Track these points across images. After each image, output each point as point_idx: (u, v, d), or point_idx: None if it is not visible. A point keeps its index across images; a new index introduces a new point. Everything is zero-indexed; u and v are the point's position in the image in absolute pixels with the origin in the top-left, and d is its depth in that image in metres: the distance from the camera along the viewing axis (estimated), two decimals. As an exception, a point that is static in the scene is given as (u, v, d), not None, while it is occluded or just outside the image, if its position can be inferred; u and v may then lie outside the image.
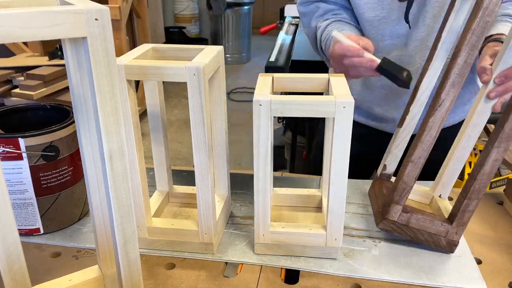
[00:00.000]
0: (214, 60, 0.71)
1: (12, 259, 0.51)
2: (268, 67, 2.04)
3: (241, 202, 0.93)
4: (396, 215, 0.77)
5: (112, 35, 0.46)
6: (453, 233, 0.76)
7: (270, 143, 0.69)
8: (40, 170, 0.77)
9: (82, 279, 0.63)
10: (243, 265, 0.75)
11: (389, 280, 0.72)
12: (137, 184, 0.73)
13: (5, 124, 0.84)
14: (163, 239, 0.78)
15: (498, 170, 2.79)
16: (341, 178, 0.70)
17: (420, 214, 0.77)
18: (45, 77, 1.82)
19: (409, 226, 0.77)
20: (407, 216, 0.77)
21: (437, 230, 0.76)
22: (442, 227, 0.76)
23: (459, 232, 0.76)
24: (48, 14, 0.42)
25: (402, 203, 0.77)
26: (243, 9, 5.26)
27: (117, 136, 0.50)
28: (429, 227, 0.77)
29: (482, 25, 0.67)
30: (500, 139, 0.69)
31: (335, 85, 0.72)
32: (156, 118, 0.81)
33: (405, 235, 0.78)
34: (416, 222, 0.77)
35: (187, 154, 3.12)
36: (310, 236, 0.75)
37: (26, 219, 0.79)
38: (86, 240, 0.81)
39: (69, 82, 0.54)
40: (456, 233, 0.76)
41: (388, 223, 0.78)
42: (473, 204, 0.74)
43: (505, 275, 0.73)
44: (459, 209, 0.75)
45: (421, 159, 0.74)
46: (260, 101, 0.66)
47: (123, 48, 3.00)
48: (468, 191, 0.73)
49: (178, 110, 3.90)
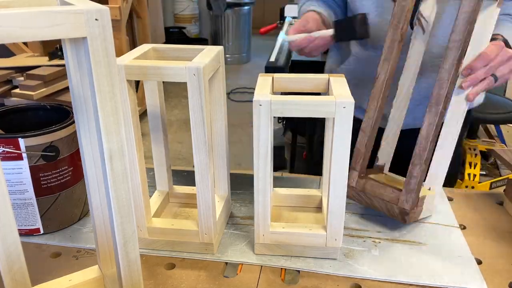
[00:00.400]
0: (214, 60, 0.71)
1: (12, 259, 0.51)
2: (268, 67, 2.04)
3: (241, 202, 0.93)
4: (354, 181, 0.86)
5: (112, 35, 0.46)
6: (403, 201, 0.80)
7: (270, 143, 0.70)
8: (40, 170, 0.77)
9: (82, 279, 0.63)
10: (243, 265, 0.75)
11: (389, 280, 0.72)
12: (137, 184, 0.73)
13: (5, 124, 0.84)
14: (163, 239, 0.78)
15: (498, 170, 2.79)
16: (341, 178, 0.70)
17: (374, 180, 0.85)
18: (45, 77, 1.83)
19: (366, 193, 0.85)
20: (363, 182, 0.86)
21: (389, 197, 0.82)
22: (393, 193, 0.82)
23: (408, 199, 0.80)
24: (48, 14, 0.42)
25: (358, 169, 0.86)
26: (243, 9, 5.26)
27: (117, 136, 0.50)
28: (382, 193, 0.83)
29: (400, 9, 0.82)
30: (431, 103, 0.78)
31: (335, 85, 0.72)
32: (156, 118, 0.81)
33: (364, 202, 0.86)
34: (371, 188, 0.84)
35: (187, 154, 3.12)
36: (310, 236, 0.75)
37: (26, 219, 0.79)
38: (86, 240, 0.81)
39: (69, 82, 0.54)
40: (406, 200, 0.80)
41: (349, 190, 0.85)
42: (417, 169, 0.79)
43: (505, 275, 0.73)
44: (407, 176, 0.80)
45: (367, 127, 0.85)
46: (260, 101, 0.66)
47: (123, 48, 3.00)
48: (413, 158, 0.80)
49: (178, 110, 3.90)
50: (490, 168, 2.85)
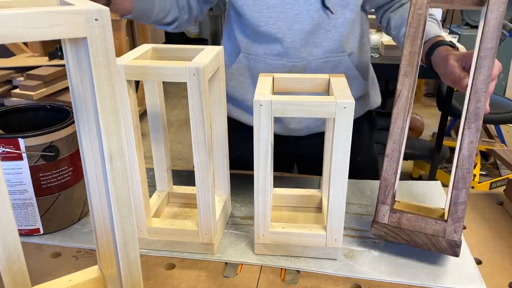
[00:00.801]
0: (214, 60, 0.71)
1: (12, 259, 0.51)
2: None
3: (241, 202, 0.93)
4: (385, 216, 0.75)
5: (112, 36, 0.46)
6: (451, 231, 0.72)
7: (270, 143, 0.69)
8: (40, 170, 0.77)
9: (82, 279, 0.63)
10: (243, 265, 0.75)
11: (389, 280, 0.72)
12: (137, 184, 0.73)
13: (5, 124, 0.84)
14: (163, 239, 0.78)
15: (498, 170, 2.79)
16: (341, 178, 0.70)
17: (410, 213, 0.75)
18: (45, 77, 1.83)
19: (402, 228, 0.75)
20: (397, 217, 0.75)
21: (433, 230, 0.73)
22: (437, 225, 0.73)
23: (457, 229, 0.72)
24: (48, 14, 0.42)
25: (389, 202, 0.75)
26: (243, 9, 5.25)
27: (117, 136, 0.50)
28: (423, 226, 0.74)
29: (417, 17, 0.73)
30: (468, 120, 0.70)
31: (335, 86, 0.72)
32: (156, 118, 0.81)
33: (400, 239, 0.75)
34: (408, 222, 0.74)
35: (187, 154, 3.12)
36: (310, 237, 0.75)
37: (26, 219, 0.79)
38: (86, 240, 0.81)
39: (69, 82, 0.54)
40: (455, 231, 0.72)
41: (379, 227, 0.76)
42: (463, 194, 0.71)
43: (505, 275, 0.73)
44: (450, 203, 0.72)
45: (395, 152, 0.75)
46: (260, 101, 0.66)
47: (123, 48, 3.00)
48: (454, 182, 0.72)
49: (178, 110, 3.90)
50: (490, 168, 2.86)
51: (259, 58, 1.02)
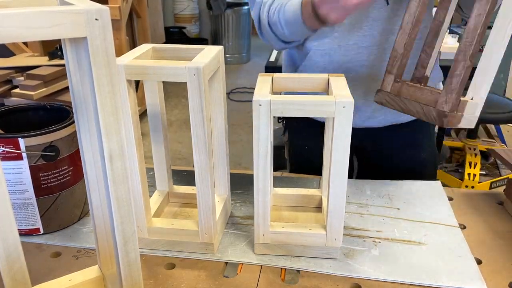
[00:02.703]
0: (214, 60, 0.71)
1: (12, 259, 0.51)
2: (268, 67, 2.04)
3: (241, 202, 0.93)
4: (389, 85, 0.81)
5: (112, 35, 0.46)
6: (442, 102, 0.73)
7: (270, 143, 0.69)
8: (40, 170, 0.77)
9: (82, 279, 0.63)
10: (243, 265, 0.75)
11: (389, 280, 0.72)
12: (137, 184, 0.73)
13: (5, 124, 0.84)
14: (163, 239, 0.78)
15: (498, 170, 2.79)
16: (341, 178, 0.70)
17: (410, 84, 0.79)
18: (45, 77, 1.83)
19: (401, 97, 0.80)
20: (398, 86, 0.81)
21: (426, 99, 0.76)
22: (431, 95, 0.75)
23: (448, 100, 0.73)
24: (48, 14, 0.42)
25: (394, 72, 0.81)
26: (243, 9, 5.26)
27: (117, 136, 0.50)
28: (419, 96, 0.77)
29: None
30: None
31: (335, 85, 0.72)
32: (156, 118, 0.81)
33: (398, 106, 0.81)
34: (407, 91, 0.79)
35: (187, 154, 3.12)
36: (310, 236, 0.75)
37: (26, 219, 0.79)
38: (86, 240, 0.81)
39: (69, 82, 0.54)
40: (446, 101, 0.73)
41: (382, 95, 0.82)
42: (460, 67, 0.71)
43: (505, 275, 0.73)
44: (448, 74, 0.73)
45: (409, 24, 0.79)
46: (260, 101, 0.66)
47: (123, 48, 3.00)
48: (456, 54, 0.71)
49: (178, 110, 3.90)
50: (490, 168, 2.85)
51: None
